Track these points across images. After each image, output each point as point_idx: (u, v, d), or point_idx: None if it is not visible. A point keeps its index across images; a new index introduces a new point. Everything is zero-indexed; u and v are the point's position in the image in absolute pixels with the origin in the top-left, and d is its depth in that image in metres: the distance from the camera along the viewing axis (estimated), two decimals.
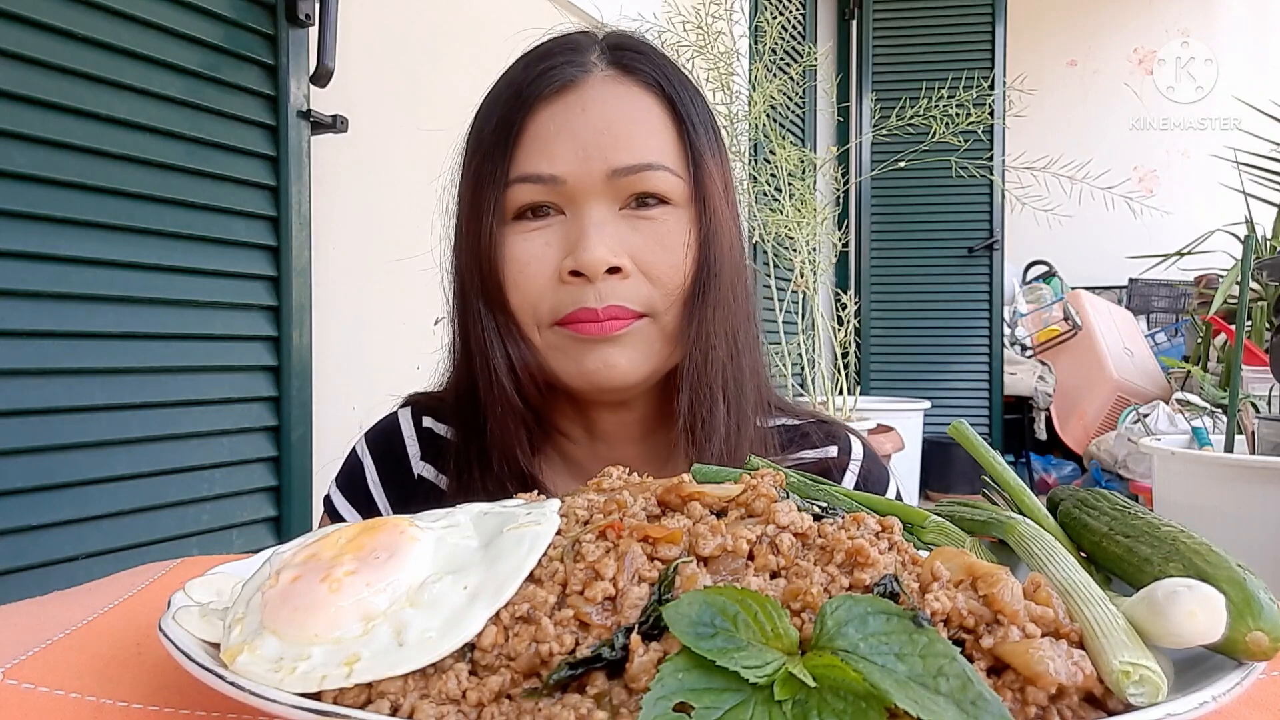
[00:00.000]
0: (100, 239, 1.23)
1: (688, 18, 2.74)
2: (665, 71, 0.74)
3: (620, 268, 0.68)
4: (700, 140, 0.73)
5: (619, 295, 0.69)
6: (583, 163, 0.69)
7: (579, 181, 0.69)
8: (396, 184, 1.84)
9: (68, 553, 1.18)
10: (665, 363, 0.73)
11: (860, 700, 0.31)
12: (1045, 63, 5.86)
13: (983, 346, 4.90)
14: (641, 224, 0.70)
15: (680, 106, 0.73)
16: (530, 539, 0.41)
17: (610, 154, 0.69)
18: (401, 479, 0.80)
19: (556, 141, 0.69)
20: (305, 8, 1.49)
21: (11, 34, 1.13)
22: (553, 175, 0.69)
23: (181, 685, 0.41)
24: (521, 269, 0.70)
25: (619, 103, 0.71)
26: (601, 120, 0.70)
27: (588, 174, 0.69)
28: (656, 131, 0.72)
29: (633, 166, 0.69)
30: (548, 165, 0.69)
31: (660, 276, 0.70)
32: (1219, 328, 4.41)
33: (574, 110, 0.70)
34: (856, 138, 4.71)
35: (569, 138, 0.69)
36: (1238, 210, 4.61)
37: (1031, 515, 0.51)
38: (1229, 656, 0.37)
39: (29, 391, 1.15)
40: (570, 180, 0.69)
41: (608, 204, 0.70)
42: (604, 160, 0.69)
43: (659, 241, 0.70)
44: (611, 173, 0.69)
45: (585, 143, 0.69)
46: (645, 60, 0.74)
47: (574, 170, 0.69)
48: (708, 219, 0.72)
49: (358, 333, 1.76)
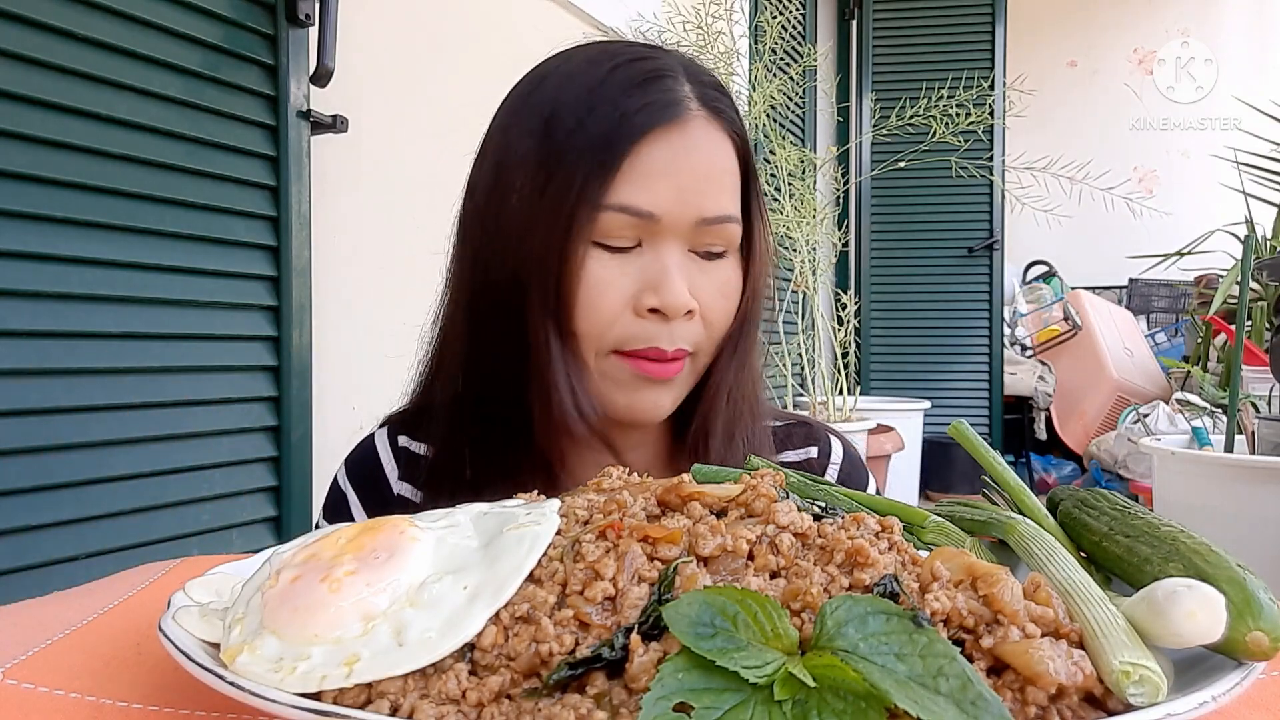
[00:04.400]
0: (100, 239, 1.23)
1: (688, 18, 2.74)
2: (739, 119, 0.75)
3: (693, 311, 0.70)
4: (755, 190, 0.75)
5: (685, 337, 0.71)
6: (678, 205, 0.69)
7: (670, 222, 0.69)
8: (396, 184, 1.84)
9: (68, 553, 1.18)
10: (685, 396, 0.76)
11: (860, 700, 0.31)
12: (1045, 63, 5.86)
13: (983, 346, 4.90)
14: (708, 268, 0.72)
15: (749, 158, 0.75)
16: (530, 539, 0.41)
17: (703, 202, 0.70)
18: (383, 502, 0.80)
19: (660, 179, 0.69)
20: (305, 8, 1.49)
21: (11, 34, 1.13)
22: (650, 212, 0.69)
23: (181, 685, 0.41)
24: (599, 294, 0.69)
25: (713, 150, 0.72)
26: (701, 165, 0.70)
27: (681, 217, 0.69)
28: (733, 182, 0.73)
29: (718, 218, 0.71)
30: (648, 201, 0.68)
31: (715, 321, 0.73)
32: (1219, 328, 4.41)
33: (678, 149, 0.70)
34: (856, 138, 4.71)
35: (671, 177, 0.69)
36: (1238, 210, 4.61)
37: (1031, 515, 0.51)
38: (1229, 656, 0.37)
39: (29, 391, 1.15)
40: (663, 220, 0.69)
41: (683, 245, 0.71)
42: (697, 208, 0.69)
43: (720, 288, 0.72)
44: (700, 221, 0.70)
45: (684, 186, 0.69)
46: (729, 105, 0.74)
47: (669, 211, 0.69)
48: (756, 268, 0.75)
49: (358, 333, 1.76)
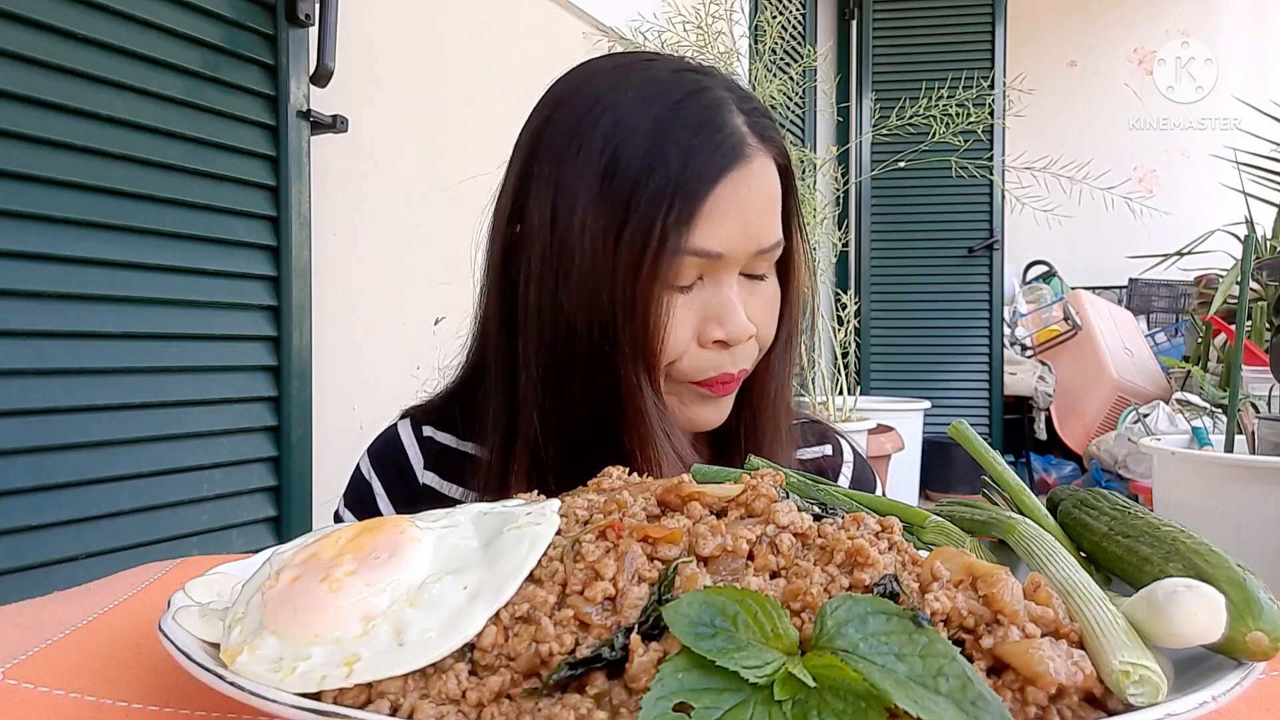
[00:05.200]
0: (100, 239, 1.23)
1: (688, 18, 2.74)
2: (781, 140, 0.75)
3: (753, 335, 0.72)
4: (794, 204, 0.76)
5: (746, 359, 0.73)
6: (741, 241, 0.70)
7: (733, 257, 0.70)
8: (396, 184, 1.84)
9: (68, 553, 1.18)
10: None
11: (860, 700, 0.31)
12: (1045, 63, 5.86)
13: (983, 346, 4.90)
14: (756, 288, 0.73)
15: (790, 175, 0.75)
16: (530, 539, 0.41)
17: (763, 235, 0.71)
18: (409, 491, 0.80)
19: (729, 221, 0.69)
20: (305, 8, 1.49)
21: (11, 34, 1.13)
22: (720, 254, 0.69)
23: (181, 685, 0.41)
24: (674, 333, 0.71)
25: (767, 181, 0.72)
26: (761, 201, 0.71)
27: (743, 252, 0.70)
28: (779, 206, 0.74)
29: (773, 247, 0.72)
30: (718, 244, 0.69)
31: (765, 338, 0.75)
32: (1219, 328, 4.41)
33: (742, 189, 0.70)
34: (856, 138, 4.71)
35: (738, 217, 0.70)
36: (1238, 210, 4.61)
37: (1031, 515, 0.51)
38: (1229, 656, 0.37)
39: (29, 391, 1.15)
40: (729, 257, 0.70)
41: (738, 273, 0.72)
42: (758, 241, 0.71)
43: (767, 306, 0.74)
44: (758, 252, 0.71)
45: (747, 223, 0.70)
46: (774, 129, 0.74)
47: (734, 249, 0.70)
48: (795, 280, 0.77)
49: (358, 333, 1.76)
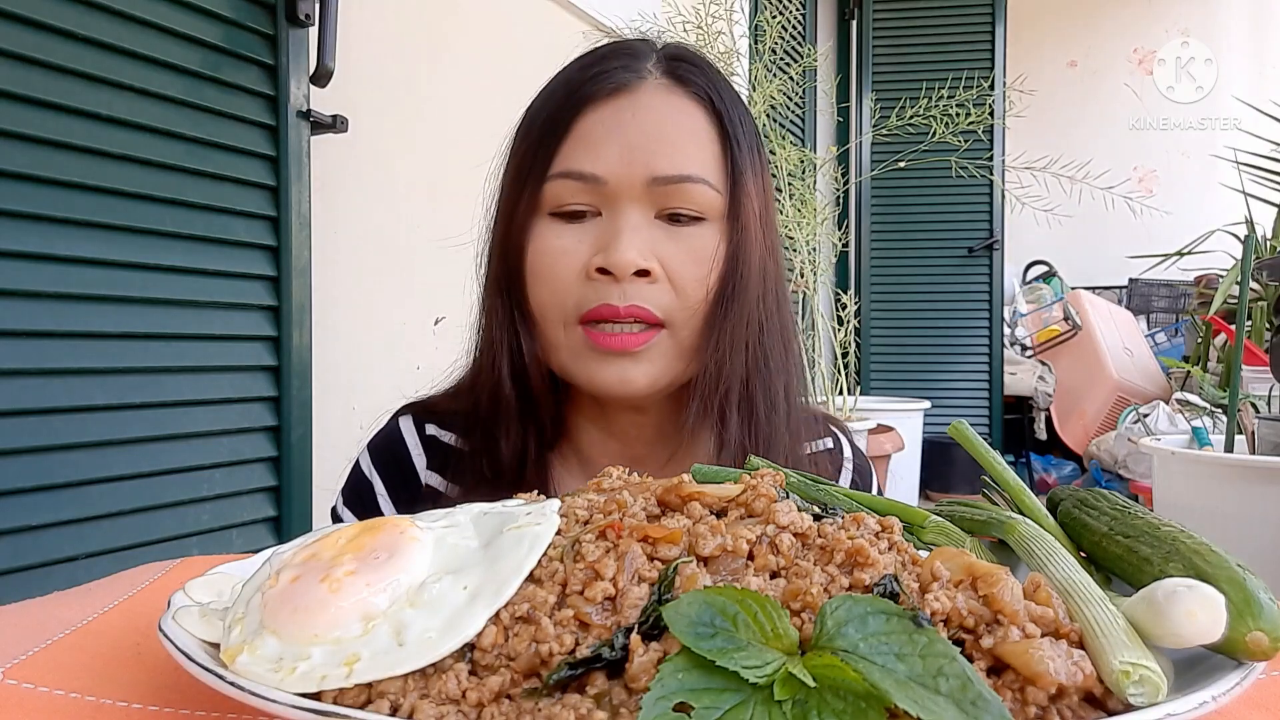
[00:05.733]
0: (100, 239, 1.23)
1: (688, 18, 2.74)
2: (718, 86, 0.75)
3: (649, 271, 0.69)
4: (743, 158, 0.74)
5: (642, 297, 0.70)
6: (626, 165, 0.69)
7: (619, 183, 0.69)
8: (396, 184, 1.84)
9: (68, 553, 1.18)
10: (681, 375, 0.74)
11: (860, 700, 0.31)
12: (1045, 63, 5.86)
13: (983, 346, 4.90)
14: (674, 233, 0.71)
15: (728, 122, 0.74)
16: (530, 539, 0.41)
17: (654, 161, 0.70)
18: (410, 490, 0.80)
19: (603, 142, 0.70)
20: (305, 8, 1.49)
21: (11, 34, 1.13)
22: (595, 174, 0.69)
23: (181, 685, 0.41)
24: (552, 262, 0.70)
25: (669, 111, 0.72)
26: (650, 126, 0.70)
27: (629, 177, 0.69)
28: (702, 145, 0.72)
29: (674, 176, 0.70)
30: (591, 164, 0.70)
31: (685, 288, 0.71)
32: (1219, 328, 4.41)
33: (624, 113, 0.71)
34: (856, 138, 4.71)
35: (616, 140, 0.70)
36: (1238, 210, 4.61)
37: (1031, 515, 0.51)
38: (1229, 656, 0.37)
39: (29, 391, 1.15)
40: (611, 181, 0.69)
41: (644, 209, 0.71)
42: (646, 166, 0.69)
43: (689, 253, 0.71)
44: (652, 180, 0.70)
45: (631, 146, 0.70)
46: (699, 73, 0.74)
47: (616, 172, 0.69)
48: (739, 237, 0.73)
49: (358, 333, 1.76)
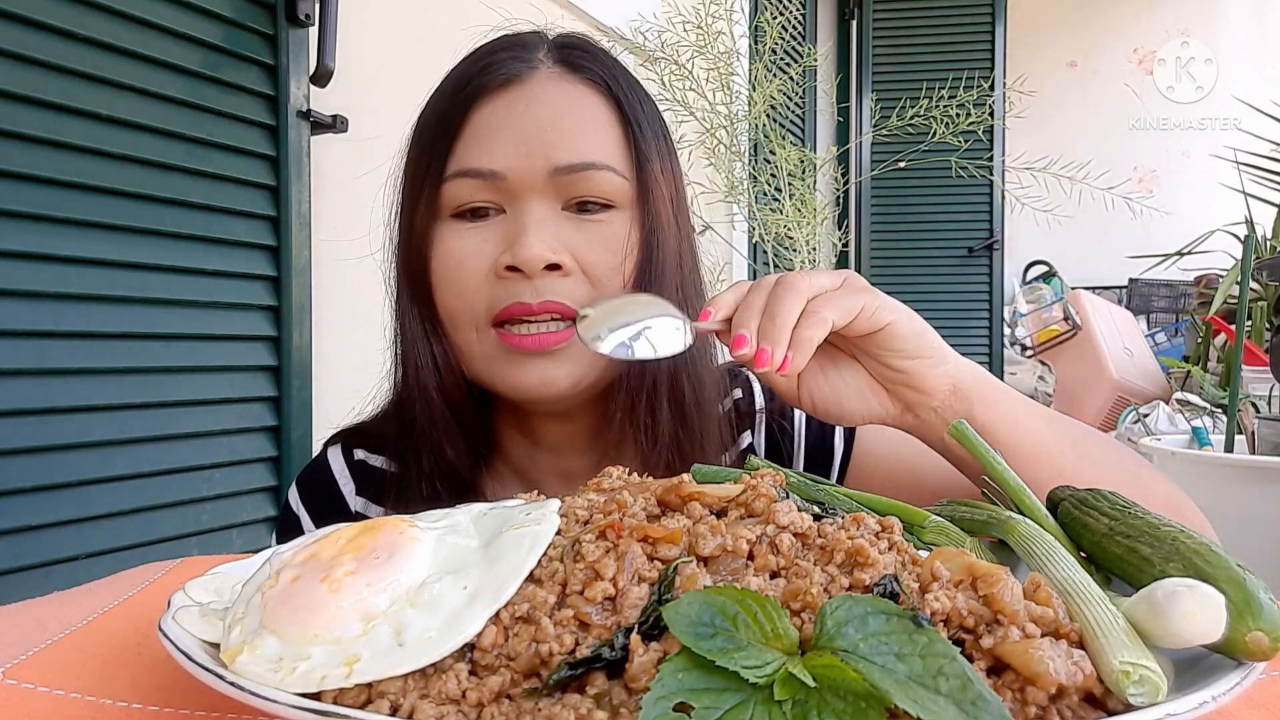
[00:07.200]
0: (100, 239, 1.23)
1: (688, 18, 2.74)
2: (613, 72, 0.73)
3: (560, 265, 0.67)
4: (647, 143, 0.71)
5: (556, 292, 0.67)
6: (524, 159, 0.67)
7: (519, 178, 0.67)
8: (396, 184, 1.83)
9: (68, 553, 1.18)
10: (604, 373, 0.71)
11: (860, 700, 0.31)
12: (1045, 63, 5.85)
13: (983, 346, 4.90)
14: (583, 224, 0.69)
15: (627, 108, 0.71)
16: (530, 539, 0.41)
17: (553, 151, 0.67)
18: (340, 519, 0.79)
19: (498, 137, 0.67)
20: (305, 8, 1.49)
21: (11, 34, 1.13)
22: (493, 170, 0.67)
23: (181, 685, 0.41)
24: (457, 265, 0.68)
25: (564, 100, 0.69)
26: (545, 117, 0.68)
27: (529, 170, 0.67)
28: (602, 131, 0.70)
29: (575, 165, 0.68)
30: (488, 160, 0.67)
31: (600, 278, 0.69)
32: (1219, 328, 4.41)
33: (517, 106, 0.68)
34: (856, 138, 4.71)
35: (511, 133, 0.67)
36: (1238, 210, 4.61)
37: (1031, 515, 0.51)
38: (1229, 656, 0.37)
39: (29, 391, 1.15)
40: (510, 176, 0.67)
41: (549, 202, 0.68)
42: (546, 157, 0.67)
43: (601, 242, 0.69)
44: (553, 170, 0.67)
45: (527, 138, 0.67)
46: (592, 59, 0.72)
47: (515, 166, 0.67)
48: (651, 222, 0.70)
49: (358, 333, 1.76)
